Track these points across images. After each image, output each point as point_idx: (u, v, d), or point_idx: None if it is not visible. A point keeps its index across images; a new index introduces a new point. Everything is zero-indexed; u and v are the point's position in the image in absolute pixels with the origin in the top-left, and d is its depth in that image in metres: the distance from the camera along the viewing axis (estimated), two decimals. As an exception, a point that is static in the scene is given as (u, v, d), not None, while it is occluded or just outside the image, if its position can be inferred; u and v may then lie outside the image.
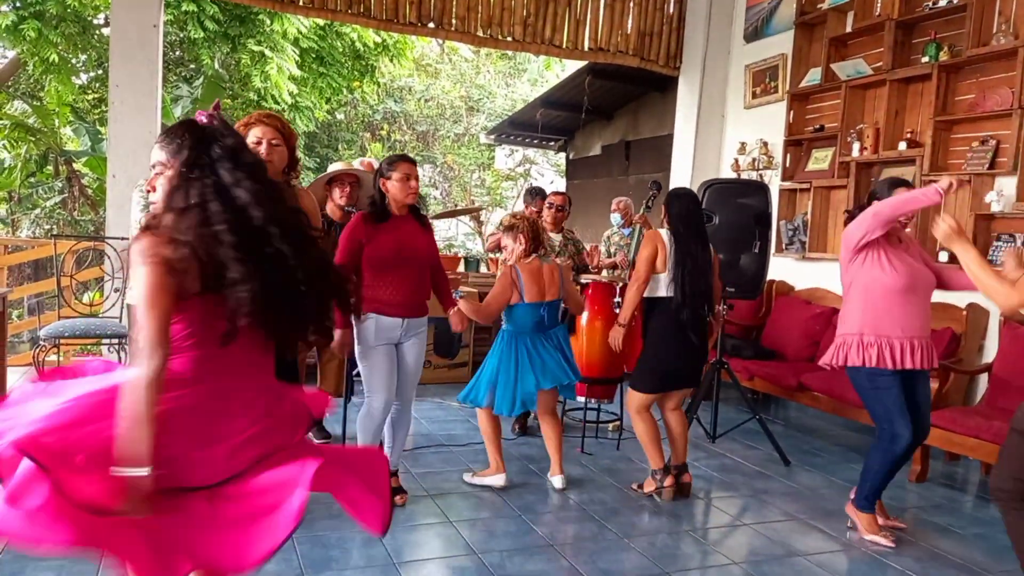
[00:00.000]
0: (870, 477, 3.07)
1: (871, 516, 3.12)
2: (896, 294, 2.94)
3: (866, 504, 3.12)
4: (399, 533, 2.91)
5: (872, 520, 3.11)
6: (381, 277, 3.00)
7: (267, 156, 2.58)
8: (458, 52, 14.86)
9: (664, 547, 2.99)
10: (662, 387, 3.43)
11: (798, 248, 5.59)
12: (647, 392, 3.42)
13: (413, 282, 3.09)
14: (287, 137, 2.67)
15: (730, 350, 4.94)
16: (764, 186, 4.36)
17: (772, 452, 4.15)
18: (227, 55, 9.63)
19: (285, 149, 2.66)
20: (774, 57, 5.90)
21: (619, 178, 9.63)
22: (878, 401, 2.98)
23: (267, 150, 2.60)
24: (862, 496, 3.12)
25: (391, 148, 15.12)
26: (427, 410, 4.84)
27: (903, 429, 2.92)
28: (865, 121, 5.15)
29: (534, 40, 5.93)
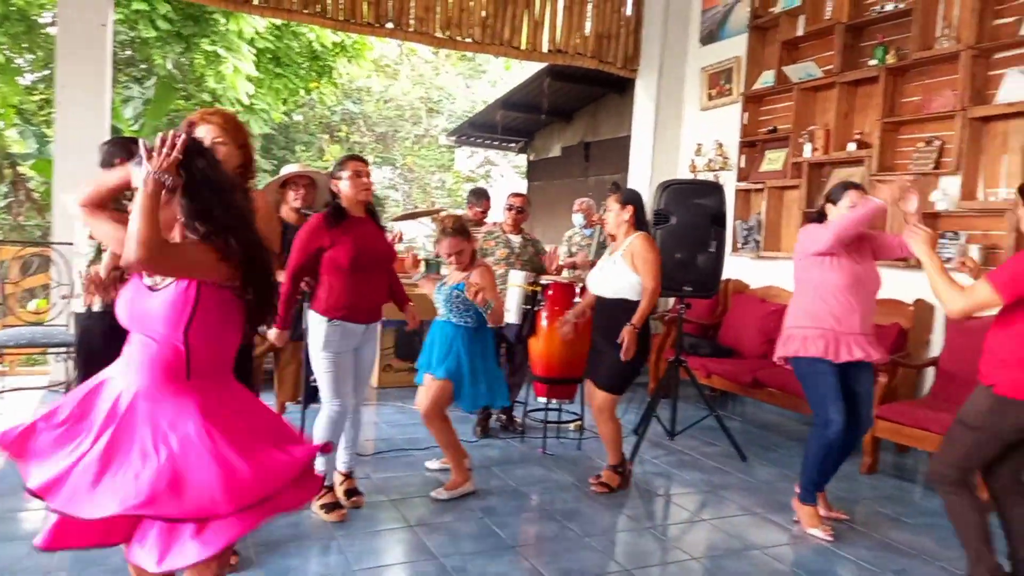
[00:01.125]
0: (808, 466, 3.17)
1: (812, 508, 3.20)
2: (842, 292, 3.05)
3: (807, 496, 3.20)
4: (359, 539, 2.88)
5: (813, 513, 3.19)
6: (344, 282, 2.96)
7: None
8: (417, 53, 14.80)
9: (625, 545, 3.02)
10: (627, 388, 3.53)
11: (753, 247, 5.69)
12: (620, 393, 3.48)
13: (375, 286, 3.08)
14: (233, 134, 2.53)
15: (688, 348, 5.01)
16: (719, 186, 4.43)
17: (730, 448, 4.22)
18: (180, 55, 9.41)
19: (232, 147, 2.52)
20: (729, 60, 6.00)
21: (579, 179, 9.70)
22: (815, 387, 3.10)
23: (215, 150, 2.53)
24: (803, 488, 3.22)
25: (350, 150, 14.98)
26: (388, 414, 4.80)
27: (836, 415, 3.03)
28: (816, 122, 5.27)
29: (493, 41, 5.93)
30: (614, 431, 3.53)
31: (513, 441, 4.36)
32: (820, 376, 3.06)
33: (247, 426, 1.74)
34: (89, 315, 3.24)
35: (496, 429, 4.54)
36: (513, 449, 4.22)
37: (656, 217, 4.18)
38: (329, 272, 2.96)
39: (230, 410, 1.74)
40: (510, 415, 4.61)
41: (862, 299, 3.07)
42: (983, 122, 4.23)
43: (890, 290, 4.10)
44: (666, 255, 4.14)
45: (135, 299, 1.74)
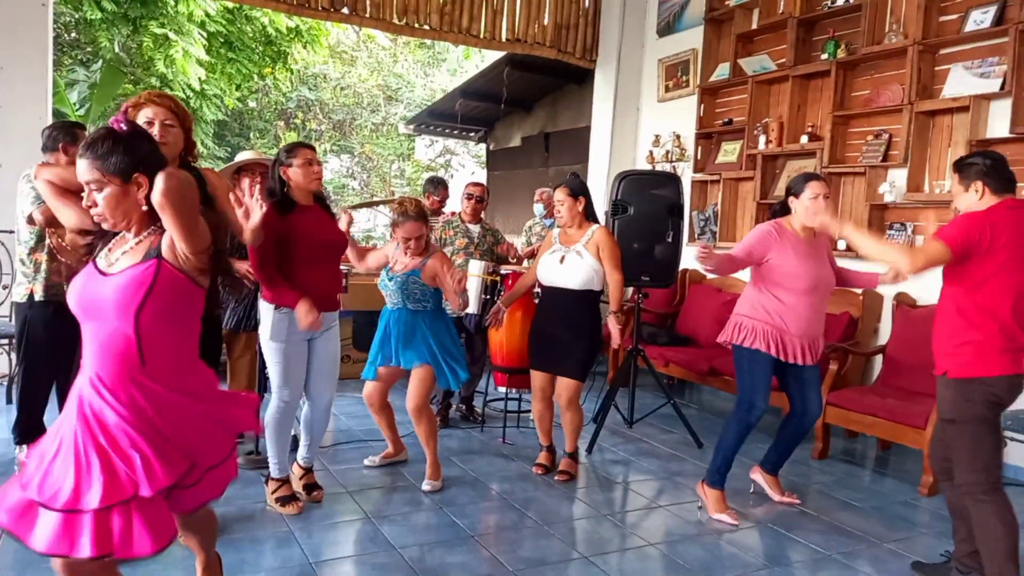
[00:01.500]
0: (723, 448, 3.20)
1: (719, 493, 3.22)
2: (795, 294, 3.09)
3: (717, 478, 3.22)
4: (316, 532, 2.85)
5: (720, 497, 3.22)
6: (295, 270, 2.89)
7: (161, 138, 2.45)
8: (375, 40, 14.59)
9: (584, 532, 3.04)
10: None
11: (709, 238, 5.77)
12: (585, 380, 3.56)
13: (327, 274, 3.01)
14: (181, 118, 2.54)
15: (646, 337, 5.06)
16: (676, 177, 4.47)
17: (686, 435, 4.29)
18: (128, 38, 9.12)
19: (180, 130, 2.53)
20: (685, 52, 6.05)
21: (539, 169, 9.70)
22: (749, 374, 3.16)
23: (160, 131, 2.46)
24: (713, 471, 3.22)
25: (307, 137, 14.72)
26: (346, 405, 4.74)
27: (761, 401, 3.13)
28: (770, 115, 5.36)
29: (451, 29, 5.87)
30: (581, 419, 3.63)
31: (473, 431, 4.35)
32: (757, 365, 3.13)
33: (199, 414, 1.74)
34: (31, 304, 3.13)
35: (456, 419, 4.53)
36: (473, 439, 4.21)
37: (614, 207, 4.21)
38: (279, 261, 2.89)
39: (185, 398, 1.71)
40: (470, 405, 4.60)
41: (815, 302, 3.13)
42: (929, 116, 4.36)
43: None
44: (624, 245, 4.15)
45: (86, 285, 1.69)
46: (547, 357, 3.55)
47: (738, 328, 3.19)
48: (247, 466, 3.47)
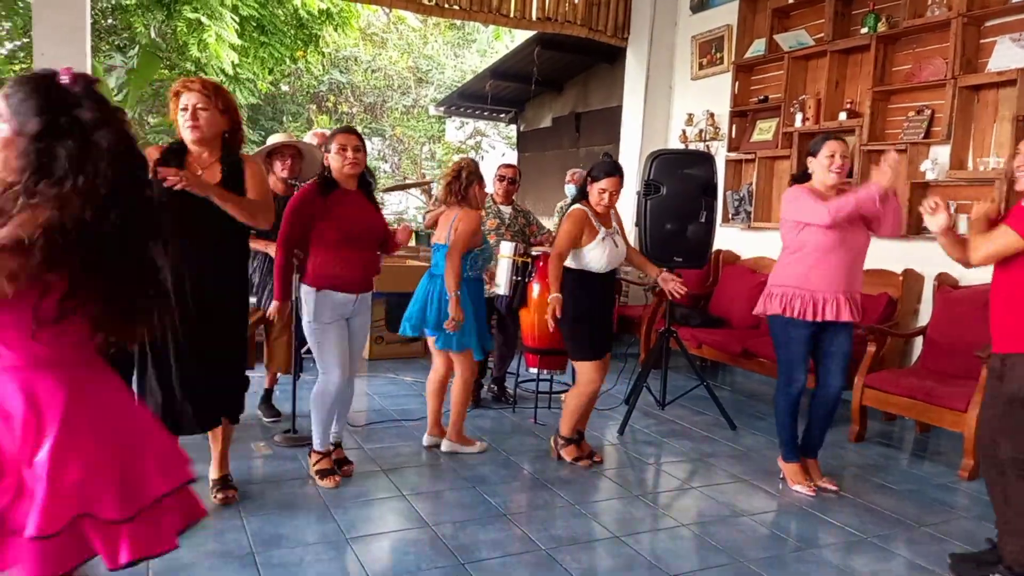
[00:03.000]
0: (778, 425, 3.33)
1: (795, 465, 3.32)
2: (828, 252, 3.07)
3: (788, 453, 3.34)
4: (352, 508, 2.90)
5: (796, 469, 3.32)
6: (332, 253, 2.96)
7: (192, 122, 2.49)
8: (405, 21, 14.56)
9: (616, 512, 3.05)
10: None
11: (744, 218, 5.69)
12: None
13: (364, 258, 3.08)
14: (216, 100, 2.52)
15: (678, 319, 5.02)
16: (710, 156, 4.41)
17: (719, 417, 4.26)
18: (162, 23, 9.22)
19: (216, 114, 2.53)
20: (719, 28, 5.93)
21: (570, 150, 9.63)
22: (786, 348, 3.21)
23: (191, 115, 2.48)
24: (783, 445, 3.35)
25: (338, 120, 14.81)
26: (380, 385, 4.81)
27: (800, 374, 3.19)
28: (807, 92, 5.23)
29: (481, 9, 5.83)
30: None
31: (505, 411, 4.38)
32: (793, 339, 3.16)
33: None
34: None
35: (488, 399, 4.56)
36: (505, 419, 4.24)
37: (646, 187, 4.16)
38: (317, 243, 2.97)
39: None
40: (501, 386, 4.63)
41: (846, 260, 3.09)
42: (973, 91, 4.22)
43: (879, 260, 4.13)
44: (656, 226, 4.14)
45: None
46: (605, 343, 3.46)
47: (770, 298, 3.20)
48: (285, 444, 3.55)
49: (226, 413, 2.80)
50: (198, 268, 2.47)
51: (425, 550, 2.59)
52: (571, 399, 3.52)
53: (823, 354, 3.23)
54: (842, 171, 3.10)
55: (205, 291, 2.53)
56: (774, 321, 3.20)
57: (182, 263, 2.38)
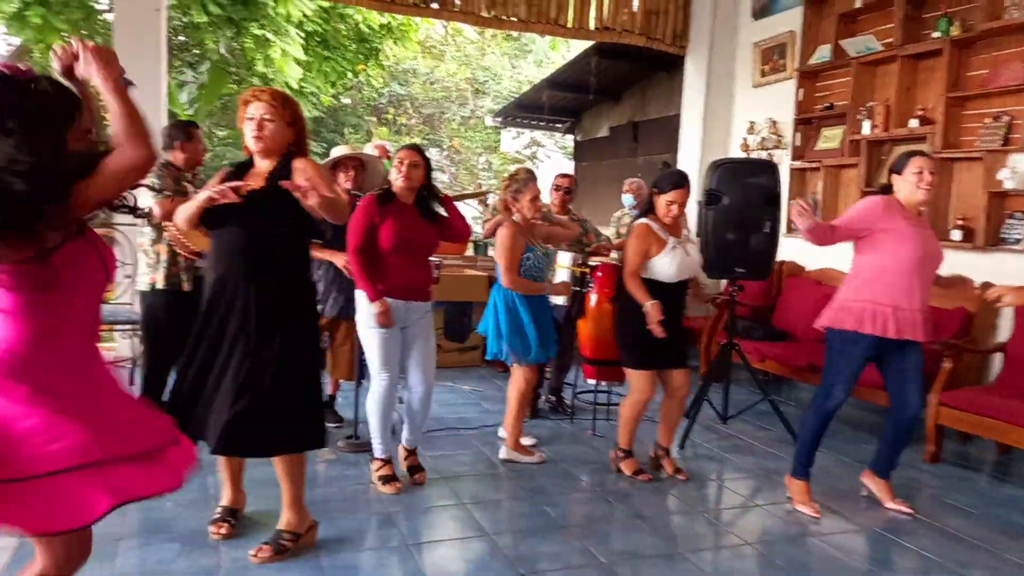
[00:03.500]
0: (801, 438, 3.19)
1: (802, 484, 3.18)
2: (902, 269, 2.96)
3: (799, 469, 3.19)
4: (413, 515, 2.93)
5: (802, 488, 3.18)
6: (382, 261, 3.06)
7: (257, 133, 2.43)
8: (463, 34, 14.76)
9: (677, 528, 3.00)
10: None
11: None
12: None
13: (413, 269, 3.15)
14: (283, 112, 2.45)
15: (741, 331, 4.91)
16: (774, 165, 4.31)
17: (784, 433, 4.14)
18: (231, 39, 9.56)
19: (282, 126, 2.45)
20: (782, 34, 5.82)
21: (627, 159, 9.57)
22: (836, 360, 3.07)
23: (257, 125, 2.43)
24: (796, 460, 3.20)
25: (397, 132, 15.07)
26: (438, 394, 4.81)
27: (841, 392, 3.05)
28: (876, 98, 5.08)
29: (539, 20, 5.86)
30: None
31: (562, 423, 4.36)
32: (848, 355, 3.04)
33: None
34: (153, 292, 3.36)
35: (545, 410, 4.55)
36: (563, 430, 4.22)
37: (707, 197, 4.10)
38: (372, 252, 3.06)
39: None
40: (559, 396, 4.61)
41: (922, 277, 2.99)
42: (1058, 95, 4.02)
43: (955, 272, 3.95)
44: (717, 236, 4.07)
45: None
46: (661, 354, 3.38)
47: (835, 311, 3.09)
48: (347, 450, 3.61)
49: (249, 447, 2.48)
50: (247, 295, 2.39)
51: (485, 559, 2.59)
52: (624, 409, 3.50)
53: (896, 373, 3.08)
54: (931, 187, 2.99)
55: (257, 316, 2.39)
56: (834, 334, 3.08)
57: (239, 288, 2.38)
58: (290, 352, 2.42)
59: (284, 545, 2.50)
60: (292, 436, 2.46)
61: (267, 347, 2.38)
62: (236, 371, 2.36)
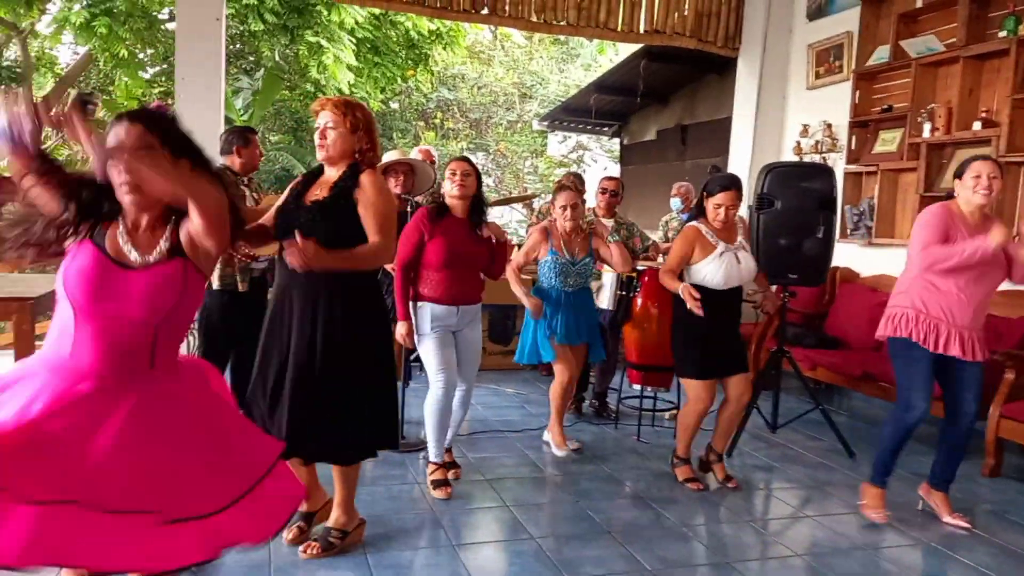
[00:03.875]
0: (883, 449, 3.10)
1: (878, 491, 3.12)
2: (957, 282, 2.88)
3: (877, 477, 3.14)
4: (458, 516, 2.95)
5: (876, 495, 3.12)
6: (434, 275, 3.11)
7: (320, 141, 2.43)
8: (511, 39, 14.81)
9: (723, 537, 2.95)
10: None
11: (864, 234, 5.40)
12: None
13: (465, 281, 3.19)
14: (350, 121, 2.42)
15: (791, 339, 4.81)
16: (829, 169, 4.21)
17: (836, 443, 4.04)
18: (286, 47, 9.81)
19: (345, 133, 2.41)
20: (839, 35, 5.69)
21: (675, 163, 9.47)
22: (905, 370, 3.00)
23: (320, 133, 2.43)
24: (873, 469, 3.15)
25: (444, 136, 15.21)
26: (482, 396, 4.87)
27: (920, 401, 2.94)
28: (937, 100, 4.92)
29: (588, 24, 5.85)
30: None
31: (606, 427, 4.33)
32: (914, 361, 2.96)
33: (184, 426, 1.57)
34: (208, 292, 3.46)
35: (589, 414, 4.53)
36: (607, 435, 4.20)
37: (759, 201, 4.03)
38: (422, 263, 3.12)
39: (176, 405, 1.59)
40: (603, 401, 4.59)
41: (979, 294, 2.90)
42: None
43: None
44: (770, 241, 4.00)
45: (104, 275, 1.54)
46: (718, 362, 3.35)
47: (891, 319, 3.03)
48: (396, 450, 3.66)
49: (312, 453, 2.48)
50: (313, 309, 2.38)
51: (530, 562, 2.60)
52: (683, 417, 3.47)
53: (953, 381, 3.01)
54: (989, 191, 2.89)
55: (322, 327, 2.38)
56: (895, 342, 3.03)
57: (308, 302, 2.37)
58: (358, 359, 2.41)
59: (332, 543, 2.55)
60: (360, 442, 2.47)
61: (333, 355, 2.36)
62: (301, 379, 2.36)
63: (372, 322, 2.48)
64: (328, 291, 2.37)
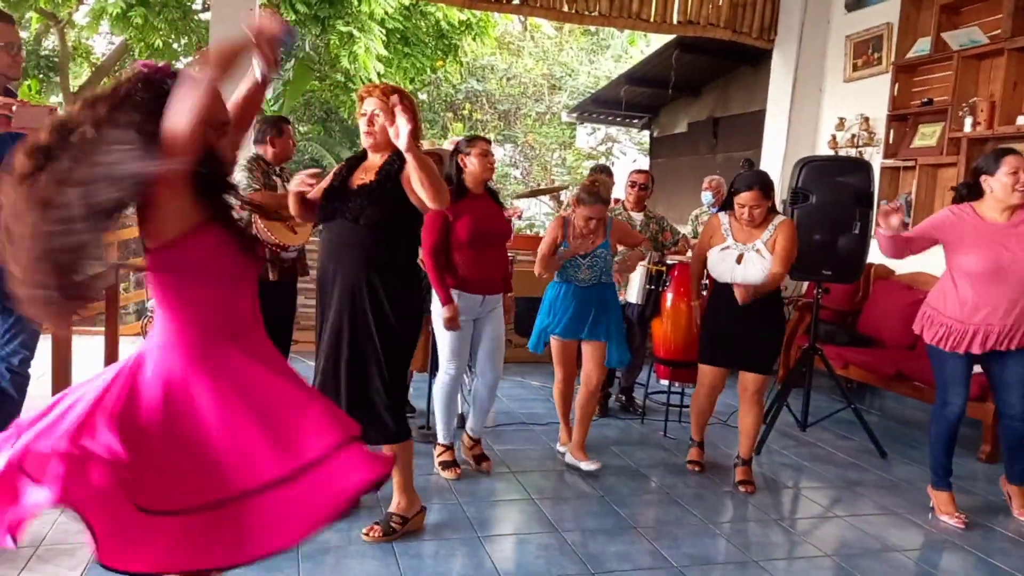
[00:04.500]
0: (933, 450, 3.08)
1: (945, 494, 3.09)
2: (976, 282, 2.88)
3: (938, 481, 3.11)
4: (483, 507, 2.95)
5: (946, 499, 3.08)
6: (461, 255, 3.09)
7: (368, 128, 2.46)
8: (540, 29, 14.71)
9: (751, 535, 2.92)
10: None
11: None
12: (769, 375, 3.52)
13: (491, 260, 3.19)
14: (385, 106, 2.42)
15: (823, 336, 4.72)
16: (866, 164, 4.12)
17: (867, 443, 3.97)
18: (317, 37, 9.85)
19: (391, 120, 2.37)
20: (878, 27, 5.55)
21: (706, 156, 9.35)
22: (940, 369, 3.02)
23: (368, 120, 2.47)
24: (932, 472, 3.12)
25: (472, 128, 15.19)
26: (508, 388, 4.86)
27: (955, 397, 2.96)
28: (979, 94, 4.78)
29: (621, 14, 5.77)
30: (760, 420, 3.43)
31: (632, 422, 4.31)
32: (946, 360, 2.97)
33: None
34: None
35: (615, 409, 4.50)
36: (633, 430, 4.17)
37: (793, 196, 3.96)
38: (450, 245, 3.10)
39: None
40: (629, 396, 4.56)
41: (1005, 292, 2.84)
42: None
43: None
44: (804, 236, 3.91)
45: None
46: (724, 352, 3.34)
47: (926, 319, 3.05)
48: (419, 440, 3.67)
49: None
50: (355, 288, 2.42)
51: (555, 555, 2.59)
52: (691, 400, 3.57)
53: (997, 383, 2.97)
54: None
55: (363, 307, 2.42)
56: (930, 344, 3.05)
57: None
58: (389, 346, 2.43)
59: (393, 528, 2.59)
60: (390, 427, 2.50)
61: (368, 340, 2.41)
62: (342, 362, 2.41)
63: (408, 312, 2.50)
64: (368, 279, 2.40)
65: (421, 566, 2.45)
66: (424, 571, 2.42)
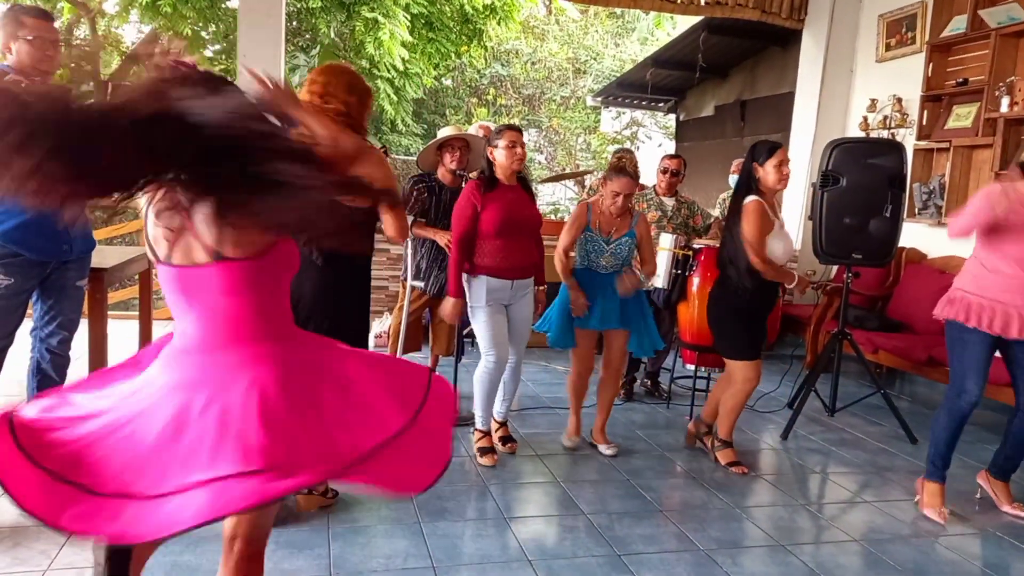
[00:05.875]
0: (934, 439, 2.98)
1: (936, 486, 2.98)
2: (1012, 260, 2.77)
3: (932, 471, 3.00)
4: (509, 490, 2.98)
5: (936, 491, 2.98)
6: (490, 244, 3.11)
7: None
8: (565, 13, 14.59)
9: (777, 519, 2.91)
10: None
11: (933, 213, 5.18)
12: None
13: (521, 249, 3.20)
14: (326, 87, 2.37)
15: (853, 321, 4.67)
16: (899, 145, 4.04)
17: (897, 429, 3.93)
18: (342, 23, 9.87)
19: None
20: (912, 5, 5.42)
21: (733, 139, 9.23)
22: (959, 354, 2.89)
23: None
24: (929, 462, 3.01)
25: (497, 113, 15.15)
26: (533, 373, 4.89)
27: (972, 386, 2.85)
28: (1017, 73, 4.66)
29: (648, -4, 5.71)
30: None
31: (658, 407, 4.30)
32: (969, 345, 2.85)
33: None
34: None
35: (640, 394, 4.50)
36: (659, 415, 4.17)
37: (823, 178, 3.90)
38: (478, 234, 3.12)
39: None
40: (655, 380, 4.55)
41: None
42: None
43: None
44: (833, 219, 3.88)
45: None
46: (762, 339, 3.34)
47: (951, 301, 2.91)
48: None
49: None
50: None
51: (581, 537, 2.61)
52: (728, 399, 3.38)
53: (1019, 371, 2.88)
54: None
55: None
56: (951, 325, 2.91)
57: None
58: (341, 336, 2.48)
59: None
60: None
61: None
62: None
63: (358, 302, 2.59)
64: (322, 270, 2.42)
65: (449, 546, 2.48)
66: (452, 551, 2.46)
